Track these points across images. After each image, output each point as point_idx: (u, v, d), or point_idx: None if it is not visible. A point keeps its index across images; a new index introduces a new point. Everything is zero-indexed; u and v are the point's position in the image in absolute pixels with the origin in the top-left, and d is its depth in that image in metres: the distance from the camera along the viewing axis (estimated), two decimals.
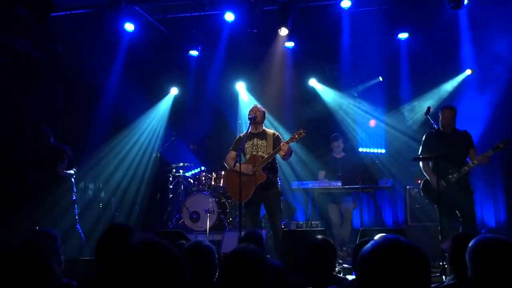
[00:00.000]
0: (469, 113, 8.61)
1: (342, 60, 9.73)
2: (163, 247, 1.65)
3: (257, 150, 6.55)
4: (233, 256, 2.12)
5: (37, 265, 1.80)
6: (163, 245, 1.66)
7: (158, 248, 1.64)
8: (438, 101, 9.45)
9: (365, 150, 10.21)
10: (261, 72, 10.18)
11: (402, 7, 8.48)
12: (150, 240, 1.67)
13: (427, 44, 9.16)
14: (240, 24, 8.78)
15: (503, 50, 8.77)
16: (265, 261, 2.11)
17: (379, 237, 1.73)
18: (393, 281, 1.55)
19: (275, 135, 6.64)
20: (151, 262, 1.59)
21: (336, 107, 10.33)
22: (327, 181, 8.25)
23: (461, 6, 7.39)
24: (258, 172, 6.39)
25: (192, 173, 10.02)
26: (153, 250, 1.63)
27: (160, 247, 1.65)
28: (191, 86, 10.70)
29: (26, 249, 1.84)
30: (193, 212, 8.62)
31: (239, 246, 2.14)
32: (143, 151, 10.39)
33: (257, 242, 4.27)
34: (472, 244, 2.35)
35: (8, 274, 1.72)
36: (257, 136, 6.62)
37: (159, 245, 1.65)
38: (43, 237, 3.58)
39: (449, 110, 6.62)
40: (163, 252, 1.64)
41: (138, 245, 1.64)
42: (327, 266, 3.57)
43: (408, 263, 1.58)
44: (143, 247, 1.64)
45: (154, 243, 1.65)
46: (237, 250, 2.14)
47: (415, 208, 8.29)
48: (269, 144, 6.51)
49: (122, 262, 1.61)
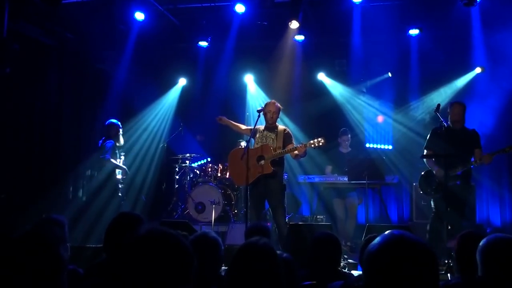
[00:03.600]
0: (478, 111, 8.57)
1: (352, 55, 9.68)
2: (172, 237, 1.65)
3: (266, 141, 6.59)
4: (245, 249, 2.10)
5: (46, 252, 1.79)
6: (172, 235, 1.66)
7: (166, 237, 1.64)
8: (447, 99, 9.41)
9: (372, 145, 10.20)
10: (270, 65, 10.14)
11: (414, 3, 8.42)
12: (159, 229, 1.67)
13: (437, 41, 9.10)
14: (250, 16, 8.75)
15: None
16: (277, 256, 2.10)
17: (385, 233, 1.72)
18: (401, 277, 1.54)
19: (286, 131, 6.67)
20: (160, 251, 1.58)
21: (344, 102, 10.30)
22: (334, 175, 8.24)
23: (474, 3, 7.32)
24: (266, 164, 6.41)
25: (198, 164, 10.03)
26: (162, 240, 1.63)
27: (169, 237, 1.65)
28: (199, 77, 10.67)
29: (34, 236, 1.84)
30: (198, 203, 8.64)
31: (252, 240, 2.12)
32: (150, 141, 10.41)
33: (263, 235, 4.28)
34: (484, 243, 2.34)
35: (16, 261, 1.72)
36: (268, 129, 6.67)
37: (168, 235, 1.65)
38: (51, 223, 3.58)
39: (459, 106, 6.60)
40: (171, 242, 1.63)
41: (147, 234, 1.64)
42: (332, 261, 3.56)
43: (416, 259, 1.57)
44: (152, 236, 1.64)
45: (163, 233, 1.65)
46: (250, 244, 2.12)
47: (421, 205, 8.29)
48: (279, 138, 6.54)
49: (131, 250, 1.61)
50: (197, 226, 7.83)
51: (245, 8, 8.37)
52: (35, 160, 8.65)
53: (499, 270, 2.22)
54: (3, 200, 7.40)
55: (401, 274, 1.55)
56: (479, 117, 8.66)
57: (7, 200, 7.49)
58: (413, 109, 9.91)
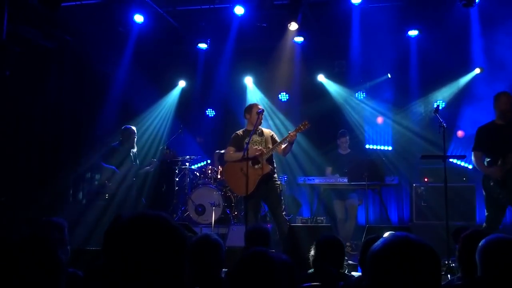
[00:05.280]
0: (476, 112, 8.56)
1: (351, 56, 9.68)
2: (157, 218, 1.55)
3: (257, 146, 6.67)
4: (248, 260, 2.03)
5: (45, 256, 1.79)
6: (157, 216, 1.55)
7: (151, 219, 1.55)
8: (446, 100, 9.43)
9: (372, 147, 10.20)
10: (269, 66, 10.15)
11: (413, 4, 8.43)
12: (146, 212, 1.58)
13: (437, 42, 9.11)
14: (249, 18, 8.76)
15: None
16: (278, 266, 2.05)
17: (388, 234, 1.72)
18: (404, 278, 1.55)
19: (271, 134, 6.87)
20: (147, 234, 1.50)
21: (343, 103, 10.30)
22: (334, 177, 8.24)
23: (473, 4, 7.31)
24: (263, 164, 6.51)
25: (198, 166, 10.02)
26: (149, 221, 1.53)
27: (154, 218, 1.54)
28: (199, 79, 10.68)
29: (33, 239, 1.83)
30: (198, 205, 8.63)
31: (249, 254, 2.04)
32: (150, 143, 10.39)
33: (263, 237, 4.28)
34: (483, 243, 2.34)
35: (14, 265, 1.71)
36: (255, 134, 6.74)
37: (153, 216, 1.55)
38: (50, 227, 3.57)
39: (506, 96, 5.97)
40: (158, 223, 1.53)
41: (130, 219, 1.56)
42: (335, 264, 3.56)
43: (419, 260, 1.58)
44: (135, 220, 1.55)
45: (147, 215, 1.56)
46: (252, 255, 2.04)
47: (421, 206, 8.28)
48: (267, 140, 6.70)
49: (115, 238, 1.53)
50: (197, 228, 7.83)
51: (244, 10, 8.38)
52: (35, 163, 8.64)
53: (499, 270, 2.22)
54: (3, 203, 7.39)
55: (404, 275, 1.55)
56: (478, 117, 8.65)
57: (6, 203, 7.48)
58: (412, 110, 9.90)
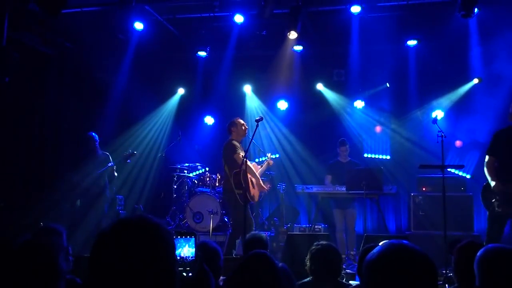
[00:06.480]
0: (476, 121, 8.59)
1: (350, 66, 9.73)
2: (141, 219, 1.52)
3: None
4: (247, 263, 2.04)
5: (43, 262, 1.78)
6: (141, 217, 1.52)
7: (141, 222, 1.50)
8: (445, 109, 9.44)
9: (370, 155, 10.21)
10: (268, 75, 10.18)
11: (412, 14, 8.45)
12: (133, 216, 1.55)
13: (435, 51, 9.15)
14: (249, 26, 8.81)
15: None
16: (279, 270, 2.07)
17: (384, 243, 1.73)
18: (400, 286, 1.55)
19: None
20: (131, 236, 1.46)
21: (342, 112, 10.32)
22: (332, 185, 8.24)
23: (472, 14, 7.33)
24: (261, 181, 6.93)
25: (196, 173, 10.02)
26: (136, 225, 1.49)
27: (137, 220, 1.51)
28: (198, 87, 10.71)
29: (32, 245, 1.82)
30: (196, 212, 8.63)
31: (254, 253, 2.06)
32: (148, 150, 10.40)
33: (261, 245, 4.28)
34: (481, 253, 2.34)
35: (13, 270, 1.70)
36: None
37: (142, 220, 1.51)
38: (49, 233, 3.57)
39: None
40: (141, 224, 1.50)
41: (120, 221, 1.52)
42: (332, 272, 3.56)
43: (414, 268, 1.58)
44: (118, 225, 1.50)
45: (136, 218, 1.52)
46: (251, 257, 2.04)
47: (419, 215, 8.26)
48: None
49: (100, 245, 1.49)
50: None
51: (244, 18, 8.41)
52: (34, 169, 8.64)
53: (497, 280, 2.22)
54: (2, 208, 7.37)
55: (400, 283, 1.55)
56: (476, 127, 8.70)
57: (6, 209, 7.46)
58: (411, 120, 9.91)
